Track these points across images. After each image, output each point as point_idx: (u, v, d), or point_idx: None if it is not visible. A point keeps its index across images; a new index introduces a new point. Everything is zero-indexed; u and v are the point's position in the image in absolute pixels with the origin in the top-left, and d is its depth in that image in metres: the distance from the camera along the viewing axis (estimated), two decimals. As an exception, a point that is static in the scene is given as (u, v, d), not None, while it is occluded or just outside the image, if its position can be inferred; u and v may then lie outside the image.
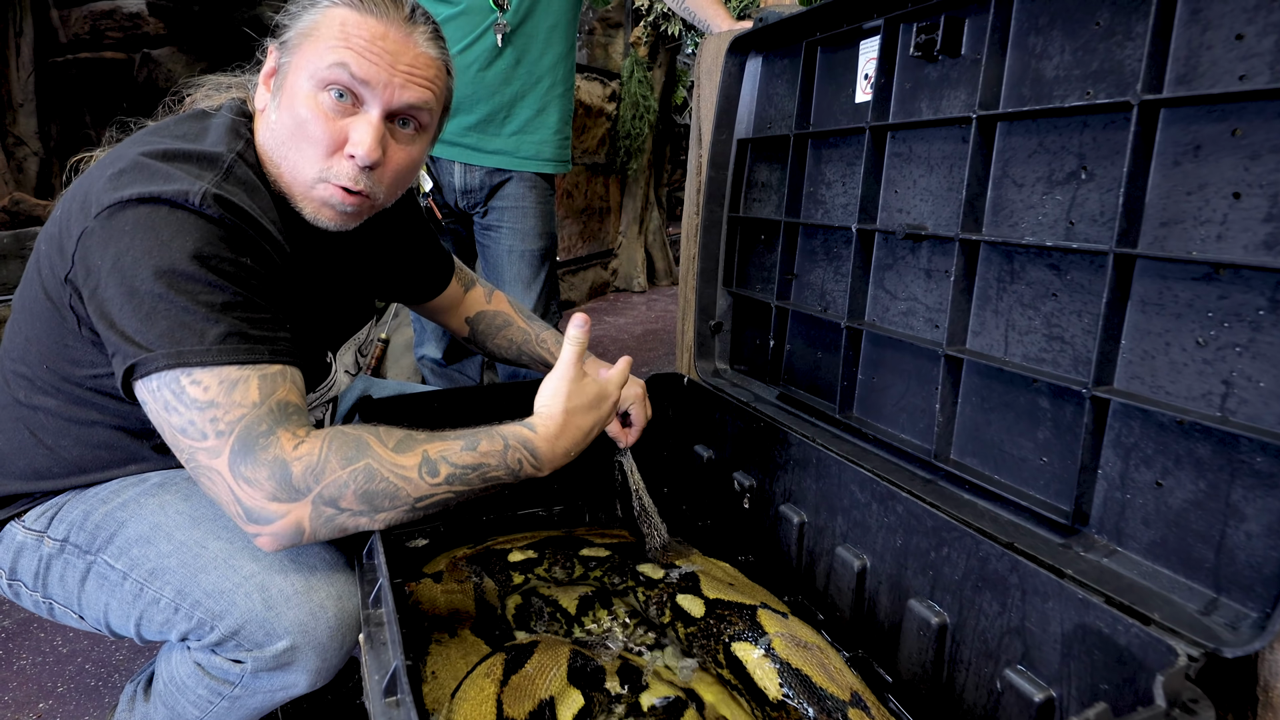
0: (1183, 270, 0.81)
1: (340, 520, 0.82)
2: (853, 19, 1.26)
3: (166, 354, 0.78)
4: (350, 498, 0.81)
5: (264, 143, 0.94)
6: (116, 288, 0.79)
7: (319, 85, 0.89)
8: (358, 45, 0.89)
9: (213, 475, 0.80)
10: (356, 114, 0.91)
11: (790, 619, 1.09)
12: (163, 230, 0.79)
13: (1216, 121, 0.78)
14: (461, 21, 1.78)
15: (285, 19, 0.94)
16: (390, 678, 0.69)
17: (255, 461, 0.78)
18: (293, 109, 0.90)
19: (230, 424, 0.79)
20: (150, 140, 0.88)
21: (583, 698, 0.92)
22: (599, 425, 0.97)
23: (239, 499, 0.80)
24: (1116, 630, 0.76)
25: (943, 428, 1.09)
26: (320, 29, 0.90)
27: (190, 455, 0.80)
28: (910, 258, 1.18)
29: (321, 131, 0.90)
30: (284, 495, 0.79)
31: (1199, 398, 0.80)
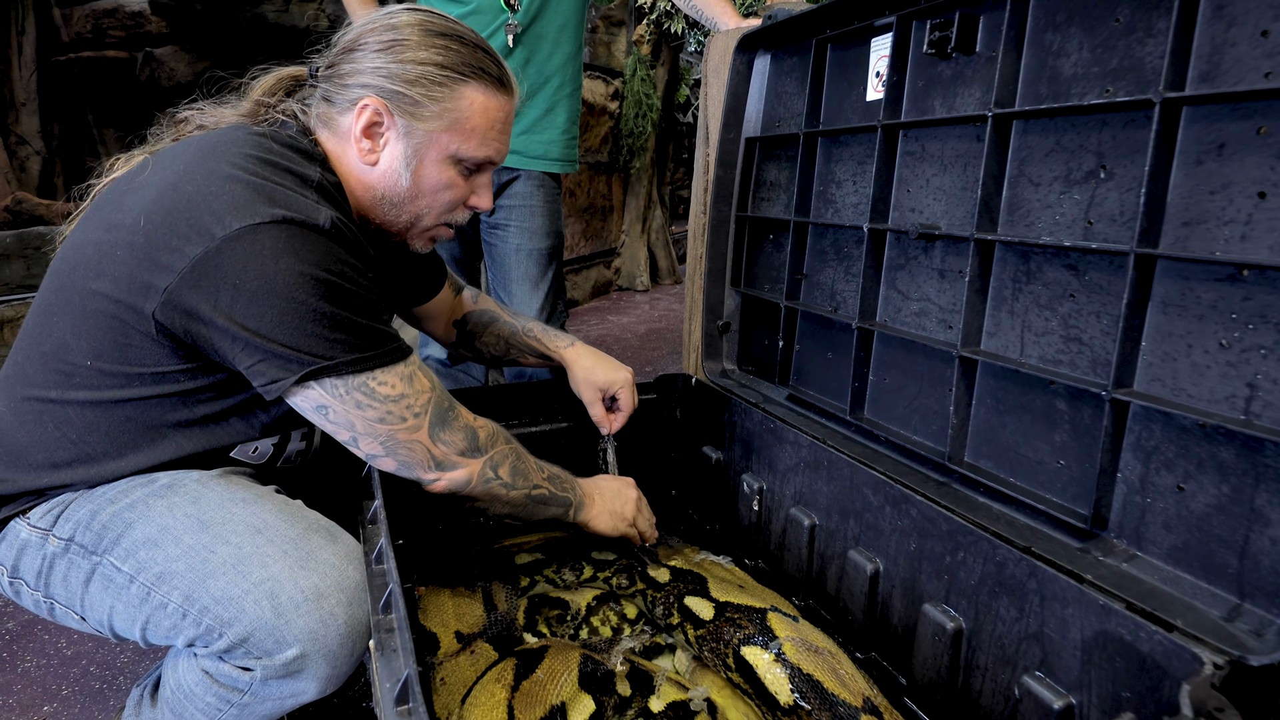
0: (1205, 271, 0.80)
1: (492, 486, 1.04)
2: (864, 16, 1.25)
3: (348, 361, 0.88)
4: (506, 469, 1.05)
5: (371, 189, 1.02)
6: (267, 304, 0.84)
7: (460, 162, 1.02)
8: (499, 133, 1.03)
9: (412, 445, 0.96)
10: (479, 174, 1.06)
11: (801, 623, 1.08)
12: (304, 251, 0.85)
13: (1241, 120, 0.77)
14: (472, 21, 1.76)
15: (396, 83, 0.96)
16: (402, 686, 0.68)
17: (451, 428, 0.99)
18: (432, 178, 1.01)
19: (424, 405, 0.96)
20: (236, 157, 0.90)
21: (594, 702, 0.91)
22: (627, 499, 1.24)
23: (433, 455, 0.98)
24: (1139, 637, 0.75)
25: (957, 430, 1.08)
26: (466, 117, 0.99)
27: (388, 436, 0.94)
28: (923, 258, 1.17)
29: (458, 197, 1.05)
30: (470, 452, 1.01)
31: (1222, 400, 0.79)
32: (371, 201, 1.03)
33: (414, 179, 1.01)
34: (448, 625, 1.09)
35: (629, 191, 6.05)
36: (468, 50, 0.99)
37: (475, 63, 0.98)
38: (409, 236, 1.08)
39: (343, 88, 0.99)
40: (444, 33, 0.98)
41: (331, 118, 1.00)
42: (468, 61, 0.98)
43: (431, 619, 1.11)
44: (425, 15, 1.00)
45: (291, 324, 0.85)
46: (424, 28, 0.98)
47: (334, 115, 1.00)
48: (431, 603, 1.15)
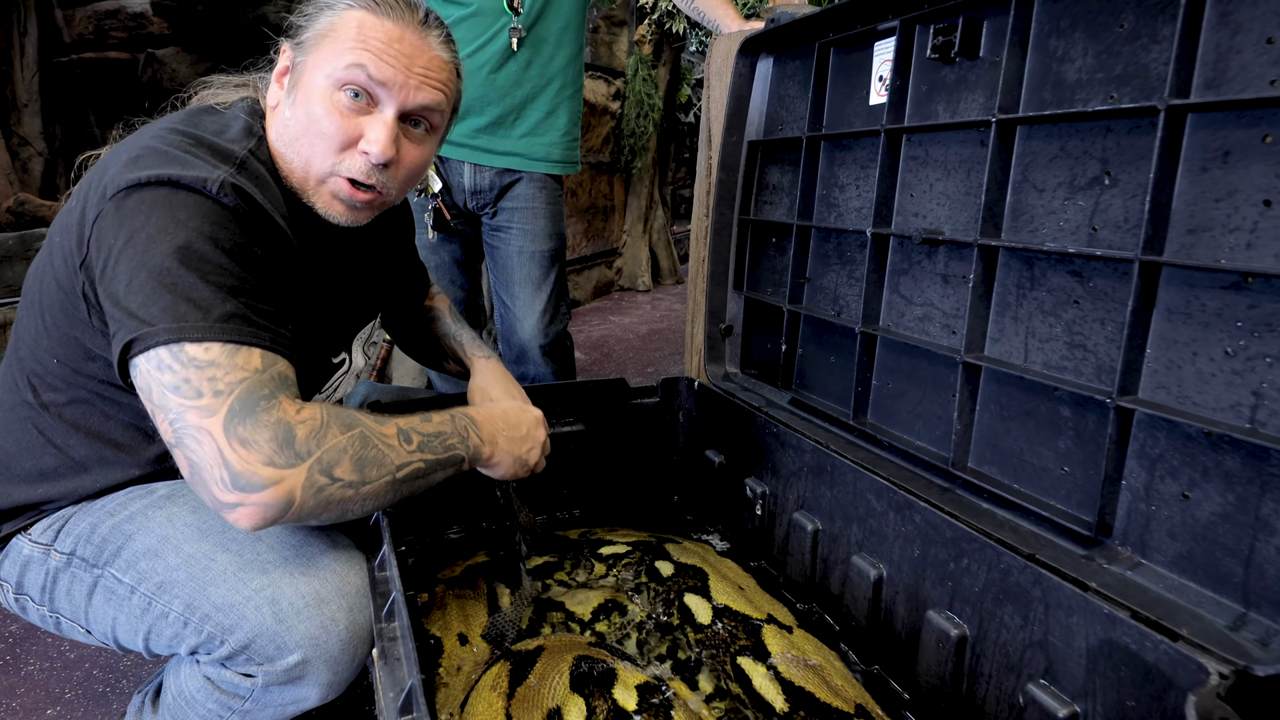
0: (1211, 279, 0.80)
1: (330, 492, 0.79)
2: (867, 20, 1.24)
3: (168, 328, 0.76)
4: (346, 465, 0.80)
5: (277, 139, 0.95)
6: (127, 263, 0.78)
7: (335, 85, 0.90)
8: (375, 47, 0.90)
9: (200, 436, 0.75)
10: (371, 113, 0.93)
11: (795, 633, 1.08)
12: (179, 210, 0.80)
13: (1247, 127, 0.76)
14: (473, 23, 1.76)
15: (300, 19, 0.94)
16: (406, 696, 0.68)
17: (256, 422, 0.75)
18: (308, 106, 0.91)
19: (230, 384, 0.76)
20: (165, 130, 0.88)
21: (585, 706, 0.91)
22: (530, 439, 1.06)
23: (227, 462, 0.74)
24: (1144, 646, 0.74)
25: (960, 435, 1.08)
26: (338, 30, 0.91)
27: (178, 415, 0.76)
28: (926, 262, 1.16)
29: (336, 128, 0.91)
30: (282, 459, 0.75)
31: (1228, 409, 0.79)
32: (280, 157, 0.95)
33: (294, 110, 0.92)
34: (450, 628, 1.09)
35: (630, 191, 6.05)
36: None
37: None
38: (310, 192, 0.95)
39: None
40: None
41: (268, 80, 0.99)
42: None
43: (434, 623, 1.11)
44: None
45: (137, 282, 0.77)
46: None
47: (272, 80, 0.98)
48: (435, 606, 1.15)
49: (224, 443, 0.75)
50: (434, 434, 0.91)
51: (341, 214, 0.96)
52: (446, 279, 1.99)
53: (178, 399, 0.76)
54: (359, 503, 0.82)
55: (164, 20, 3.59)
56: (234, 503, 0.75)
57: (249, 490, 0.75)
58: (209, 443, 0.75)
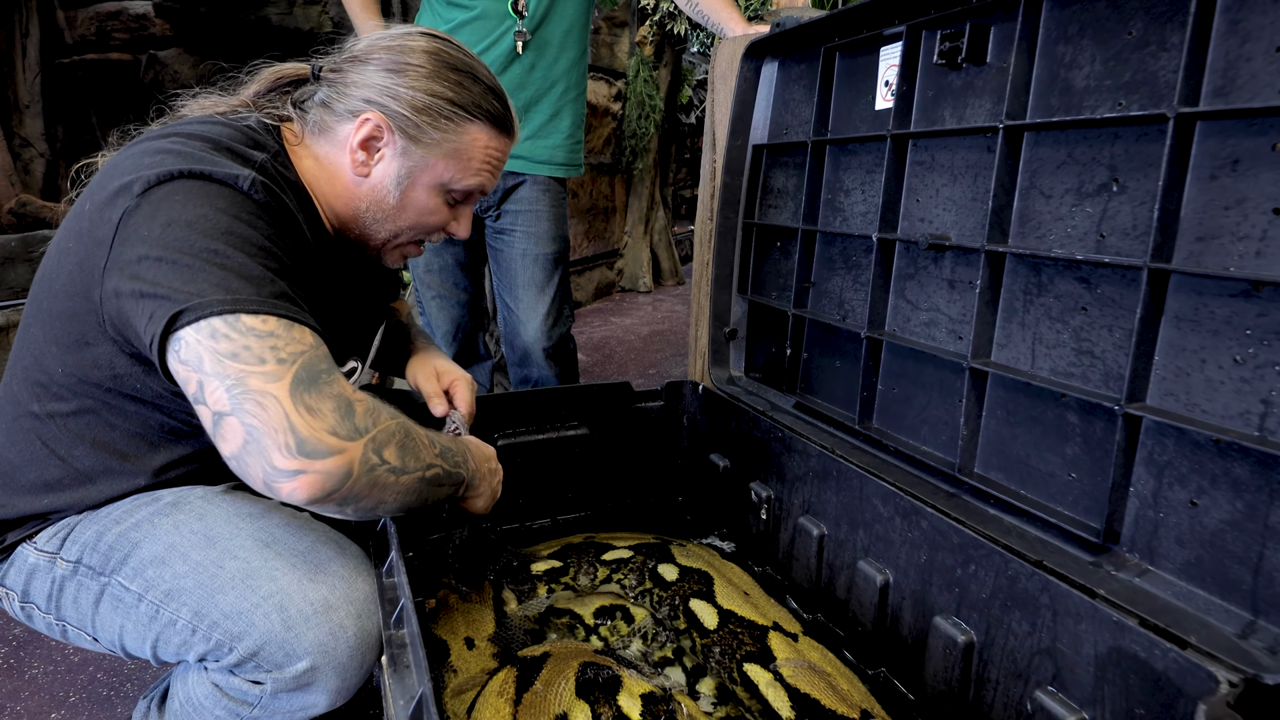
0: (1220, 286, 0.80)
1: (378, 474, 0.80)
2: (873, 25, 1.24)
3: (222, 300, 0.76)
4: (393, 449, 0.82)
5: (356, 201, 1.01)
6: (164, 249, 0.78)
7: (447, 190, 1.02)
8: (492, 168, 1.04)
9: (265, 401, 0.74)
10: (464, 204, 1.06)
11: (801, 640, 1.08)
12: (217, 200, 0.82)
13: (1256, 135, 0.76)
14: (477, 26, 1.76)
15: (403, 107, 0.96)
16: (417, 705, 0.68)
17: (320, 392, 0.77)
18: (421, 201, 1.01)
19: (293, 354, 0.77)
20: (177, 136, 0.88)
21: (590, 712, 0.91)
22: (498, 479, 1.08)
23: (294, 427, 0.74)
24: (1153, 654, 0.74)
25: (967, 441, 1.08)
26: (465, 146, 1.00)
27: (237, 381, 0.75)
28: (933, 268, 1.16)
29: (441, 221, 1.05)
30: (344, 430, 0.77)
31: (1236, 416, 0.79)
32: (354, 212, 1.02)
33: (402, 198, 1.01)
34: (457, 633, 1.09)
35: (631, 192, 6.05)
36: (479, 91, 0.99)
37: (485, 105, 1.00)
38: (384, 250, 1.08)
39: (345, 96, 0.98)
40: (459, 68, 0.98)
41: (327, 124, 0.99)
42: (478, 102, 0.99)
43: (441, 627, 1.11)
44: (443, 44, 1.00)
45: (180, 264, 0.77)
46: (440, 58, 0.98)
47: (330, 121, 0.99)
48: (442, 610, 1.15)
49: (290, 408, 0.75)
50: (449, 447, 0.94)
51: (397, 263, 1.12)
52: (450, 281, 1.99)
53: (237, 365, 0.75)
54: (395, 494, 0.83)
55: (166, 22, 3.60)
56: (295, 470, 0.74)
57: (314, 457, 0.75)
58: (275, 407, 0.75)
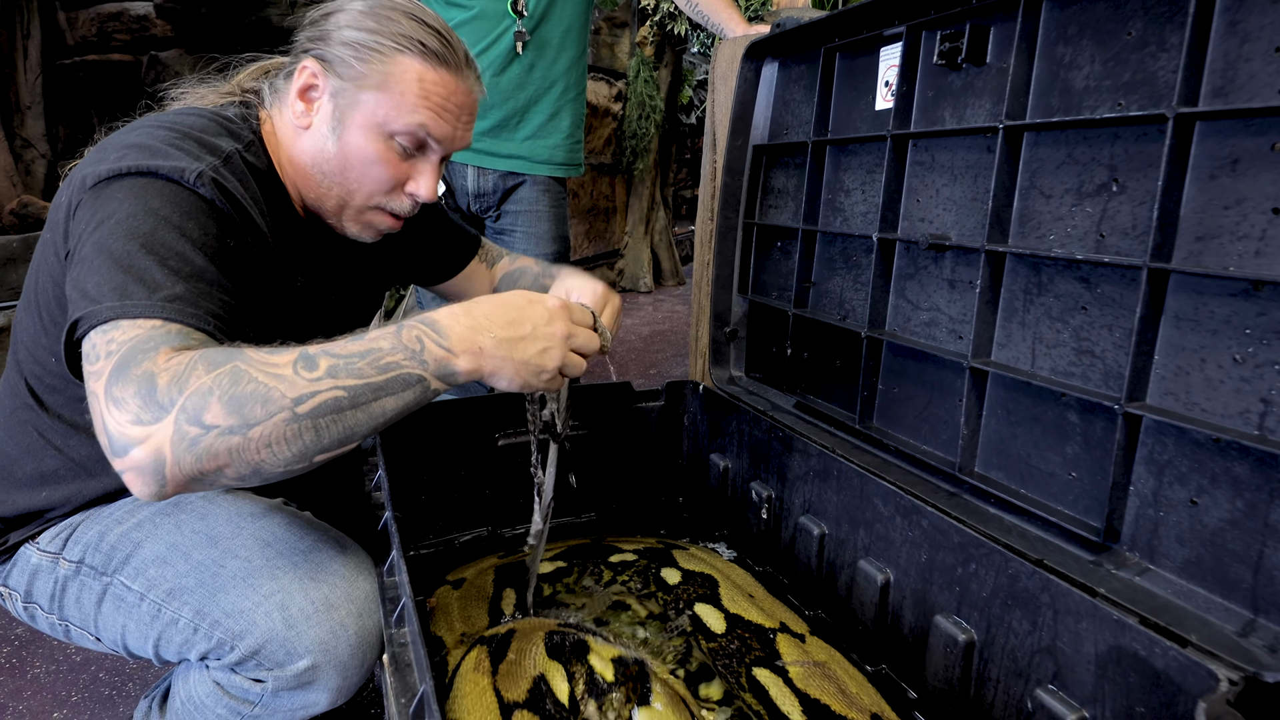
0: (1219, 286, 0.80)
1: (207, 443, 0.67)
2: (874, 25, 1.25)
3: (111, 306, 0.71)
4: (216, 408, 0.67)
5: (303, 158, 0.96)
6: (93, 248, 0.76)
7: (392, 134, 0.93)
8: (435, 104, 0.93)
9: (93, 402, 0.69)
10: (419, 157, 0.97)
11: (809, 641, 1.08)
12: (152, 199, 0.79)
13: (1255, 135, 0.77)
14: (475, 26, 1.77)
15: (333, 46, 0.93)
16: (418, 703, 0.68)
17: (126, 378, 0.68)
18: (359, 146, 0.93)
19: (120, 344, 0.70)
20: (150, 126, 0.88)
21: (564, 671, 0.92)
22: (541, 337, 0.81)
23: (107, 428, 0.68)
24: (1153, 652, 0.74)
25: (967, 440, 1.08)
26: (394, 79, 0.92)
27: (87, 385, 0.71)
28: (933, 268, 1.17)
29: (389, 174, 0.95)
30: (147, 415, 0.67)
31: (1236, 415, 0.79)
32: (304, 174, 0.97)
33: (340, 145, 0.93)
34: (454, 629, 1.10)
35: (632, 193, 6.05)
36: (412, 25, 0.93)
37: (417, 37, 0.92)
38: (343, 217, 0.99)
39: (293, 59, 0.98)
40: (395, 6, 0.94)
41: (280, 90, 0.99)
42: (407, 34, 0.92)
43: (438, 623, 1.11)
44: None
45: (97, 263, 0.74)
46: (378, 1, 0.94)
47: (281, 86, 0.98)
48: (440, 607, 1.15)
49: (104, 407, 0.68)
50: (359, 353, 0.73)
51: (371, 238, 1.02)
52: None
53: (87, 369, 0.71)
54: (260, 450, 0.68)
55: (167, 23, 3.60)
56: (121, 470, 0.68)
57: (123, 454, 0.67)
58: (97, 408, 0.69)
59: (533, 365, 0.81)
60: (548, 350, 0.81)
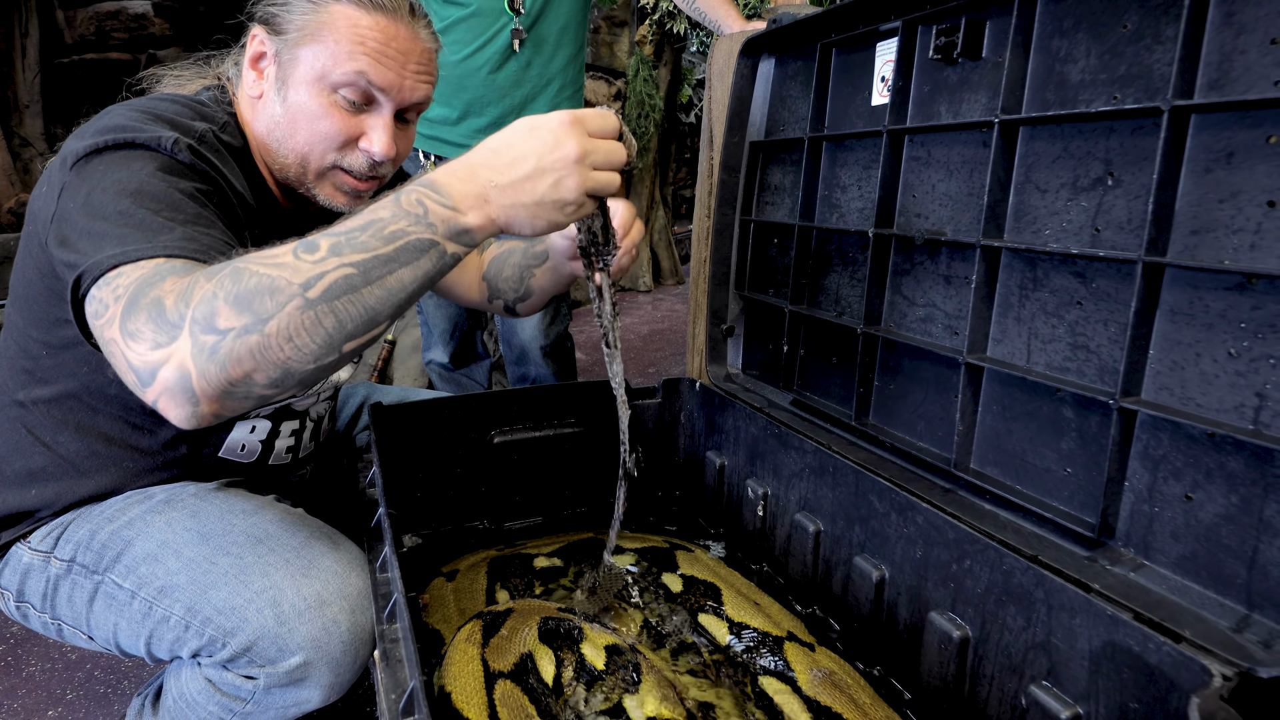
0: (1214, 280, 0.79)
1: (227, 347, 0.65)
2: (869, 21, 1.24)
3: (112, 255, 0.71)
4: (225, 311, 0.65)
5: (259, 128, 0.96)
6: (84, 216, 0.76)
7: (333, 86, 0.91)
8: (372, 49, 0.90)
9: (112, 348, 0.69)
10: (369, 112, 0.94)
11: (818, 650, 1.07)
12: (134, 162, 0.80)
13: (1250, 128, 0.76)
14: (472, 23, 1.76)
15: (274, 7, 0.93)
16: (408, 698, 0.68)
17: (136, 310, 0.67)
18: (303, 104, 0.92)
19: (126, 288, 0.70)
20: (124, 109, 0.89)
21: (553, 656, 0.93)
22: (550, 168, 0.73)
23: (130, 362, 0.67)
24: (1147, 648, 0.74)
25: (963, 436, 1.08)
26: (328, 28, 0.90)
27: (101, 339, 0.71)
28: (929, 263, 1.16)
29: (337, 128, 0.92)
30: (163, 336, 0.66)
31: (1231, 410, 0.79)
32: (264, 146, 0.96)
33: (286, 105, 0.92)
34: (450, 621, 1.09)
35: (631, 192, 6.05)
36: None
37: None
38: (308, 184, 0.96)
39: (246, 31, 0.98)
40: None
41: (241, 64, 0.98)
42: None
43: (434, 615, 1.11)
44: None
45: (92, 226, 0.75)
46: None
47: (241, 60, 0.98)
48: (435, 601, 1.15)
49: (123, 344, 0.68)
50: (360, 226, 0.70)
51: (344, 204, 0.99)
52: (447, 279, 1.99)
53: (99, 323, 0.71)
54: (283, 346, 0.66)
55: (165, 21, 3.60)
56: (153, 399, 0.68)
57: (151, 382, 0.67)
58: (115, 350, 0.69)
59: (548, 203, 0.73)
60: (561, 181, 0.73)
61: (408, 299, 0.71)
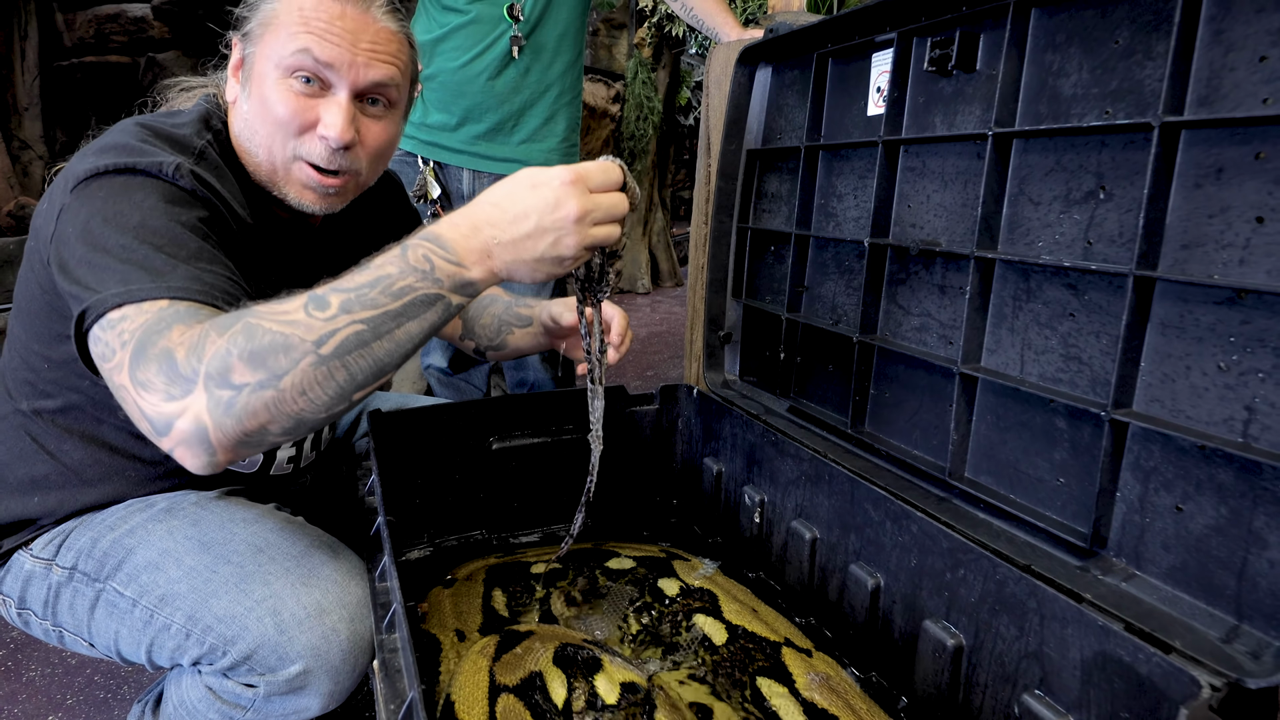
0: (1204, 294, 0.80)
1: (242, 402, 0.67)
2: (865, 31, 1.25)
3: (116, 293, 0.73)
4: (239, 367, 0.67)
5: (238, 133, 0.97)
6: (84, 245, 0.77)
7: (285, 72, 0.91)
8: (318, 29, 0.90)
9: (122, 394, 0.71)
10: (325, 96, 0.93)
11: (815, 656, 1.08)
12: (135, 192, 0.81)
13: (1239, 144, 0.77)
14: (471, 30, 1.77)
15: (244, 10, 0.95)
16: (407, 709, 0.69)
17: (146, 360, 0.69)
18: (261, 95, 0.92)
19: (133, 332, 0.71)
20: (127, 127, 0.90)
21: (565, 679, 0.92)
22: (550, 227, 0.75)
23: (144, 411, 0.70)
24: (1137, 659, 0.75)
25: (957, 446, 1.08)
26: (280, 17, 0.91)
27: (110, 382, 0.73)
28: (924, 273, 1.17)
29: (290, 112, 0.90)
30: (175, 389, 0.68)
31: (1221, 423, 0.79)
32: (242, 149, 0.96)
33: (250, 102, 0.93)
34: (447, 626, 1.10)
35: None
36: None
37: None
38: (281, 184, 0.95)
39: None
40: None
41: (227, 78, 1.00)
42: None
43: (431, 622, 1.12)
44: None
45: (93, 258, 0.76)
46: None
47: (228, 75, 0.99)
48: (433, 606, 1.16)
49: (134, 393, 0.70)
50: (368, 283, 0.72)
51: (315, 202, 0.96)
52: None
53: (107, 366, 0.73)
54: (296, 400, 0.69)
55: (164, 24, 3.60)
56: (169, 448, 0.70)
57: (166, 432, 0.69)
58: (129, 398, 0.71)
59: (548, 259, 0.76)
60: (560, 240, 0.76)
61: (414, 348, 0.75)
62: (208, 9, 3.61)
